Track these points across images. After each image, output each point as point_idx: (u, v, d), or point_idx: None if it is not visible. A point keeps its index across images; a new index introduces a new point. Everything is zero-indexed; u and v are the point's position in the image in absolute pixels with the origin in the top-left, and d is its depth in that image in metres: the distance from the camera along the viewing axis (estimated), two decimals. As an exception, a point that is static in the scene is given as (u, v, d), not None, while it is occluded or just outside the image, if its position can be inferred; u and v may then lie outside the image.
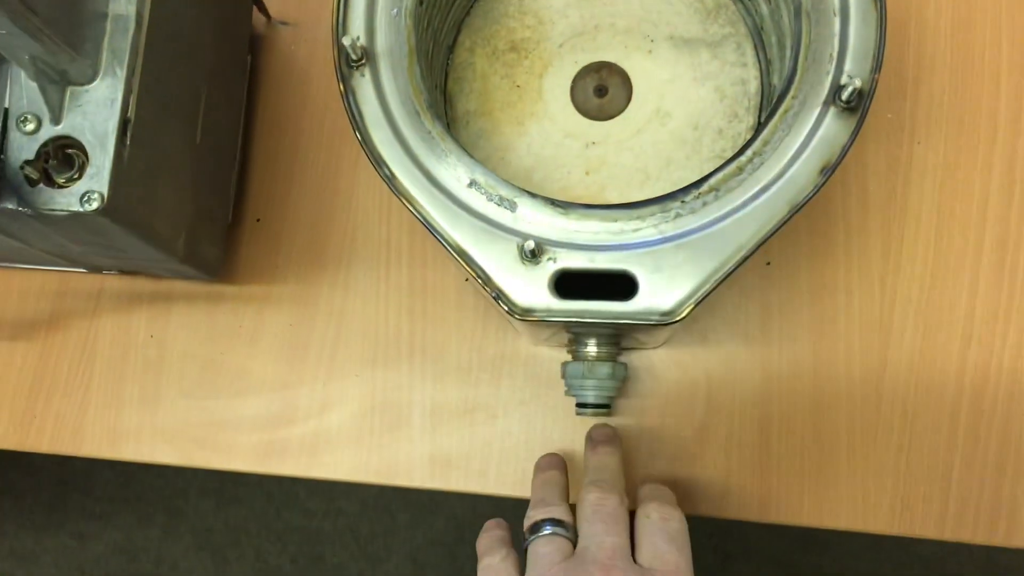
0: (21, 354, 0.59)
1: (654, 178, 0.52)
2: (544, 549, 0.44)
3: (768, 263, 0.55)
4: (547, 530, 0.45)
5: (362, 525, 1.43)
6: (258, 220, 0.59)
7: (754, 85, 0.53)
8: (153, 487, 1.45)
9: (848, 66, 0.43)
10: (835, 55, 0.43)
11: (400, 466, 0.56)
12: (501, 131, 0.54)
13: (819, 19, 0.44)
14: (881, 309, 0.54)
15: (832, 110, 0.43)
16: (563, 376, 0.52)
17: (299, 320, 0.58)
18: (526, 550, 0.45)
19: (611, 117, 0.53)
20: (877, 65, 0.43)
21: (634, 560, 0.43)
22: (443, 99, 0.54)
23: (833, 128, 0.43)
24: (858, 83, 0.41)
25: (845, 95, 0.42)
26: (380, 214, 0.59)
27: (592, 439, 0.52)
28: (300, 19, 0.61)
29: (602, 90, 0.54)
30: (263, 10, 0.59)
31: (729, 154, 0.52)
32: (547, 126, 0.54)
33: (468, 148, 0.53)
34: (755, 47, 0.53)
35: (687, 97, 0.53)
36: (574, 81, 0.54)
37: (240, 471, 0.57)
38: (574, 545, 0.44)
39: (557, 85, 0.54)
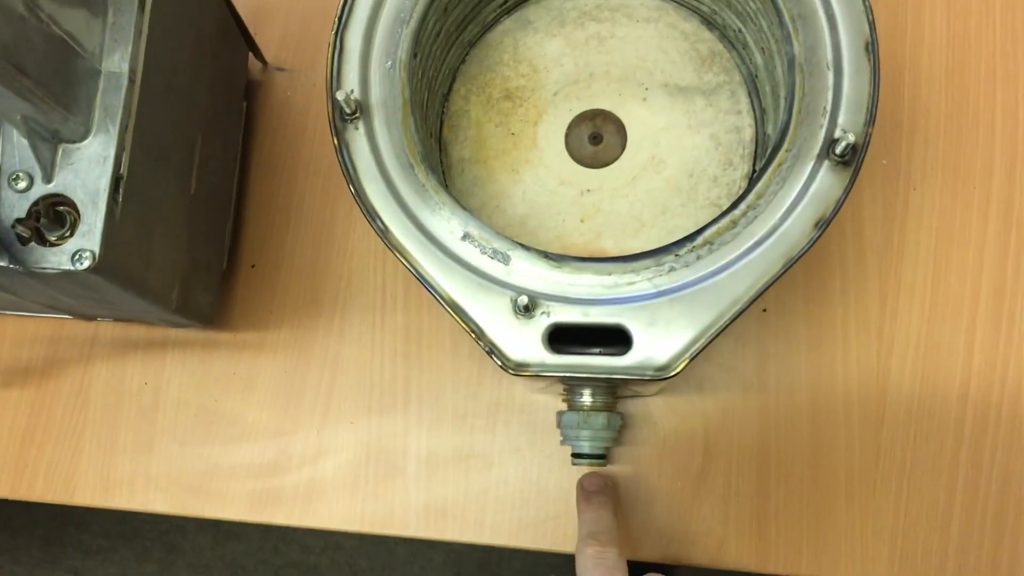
0: (14, 401, 0.59)
1: (649, 225, 0.52)
2: None
3: (764, 310, 0.55)
4: None
5: (360, 560, 1.41)
6: (253, 266, 0.59)
7: (749, 133, 0.53)
8: (150, 522, 1.44)
9: (842, 119, 0.43)
10: (829, 108, 0.43)
11: (395, 515, 0.55)
12: (496, 178, 0.54)
13: (813, 72, 0.44)
14: (879, 357, 0.54)
15: (826, 163, 0.43)
16: (559, 426, 0.52)
17: (294, 367, 0.58)
18: None
19: (606, 164, 0.53)
20: (871, 119, 0.43)
21: None
22: (438, 146, 0.54)
23: (827, 182, 0.42)
24: (852, 138, 0.41)
25: (839, 149, 0.42)
26: (375, 260, 0.59)
27: (584, 489, 0.51)
28: (296, 65, 0.61)
29: (597, 137, 0.54)
30: (259, 56, 0.59)
31: (724, 202, 0.52)
32: (542, 173, 0.54)
33: (463, 195, 0.54)
34: (750, 95, 0.53)
35: (682, 145, 0.53)
36: (569, 129, 0.54)
37: (234, 520, 0.56)
38: None
39: (552, 133, 0.54)
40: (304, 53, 0.62)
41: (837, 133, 0.42)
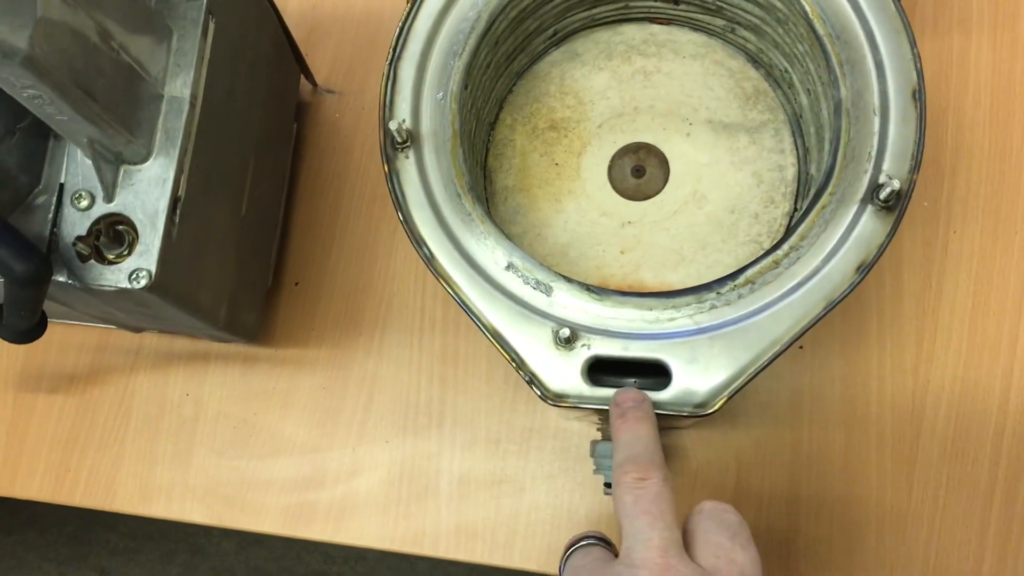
0: (59, 407, 0.60)
1: (689, 260, 0.53)
2: (580, 561, 0.38)
3: (801, 347, 0.56)
4: (585, 542, 0.40)
5: (382, 571, 1.42)
6: (296, 284, 0.60)
7: (791, 171, 0.53)
8: (176, 525, 1.45)
9: (887, 165, 0.43)
10: (874, 153, 0.44)
11: (426, 535, 0.56)
12: (539, 207, 0.55)
13: (859, 117, 0.44)
14: (914, 397, 0.54)
15: (869, 208, 0.43)
16: (592, 455, 0.52)
17: (332, 384, 0.59)
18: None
19: (648, 197, 0.54)
20: (916, 165, 0.43)
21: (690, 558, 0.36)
22: (483, 174, 0.55)
23: (870, 226, 0.43)
24: (896, 184, 0.42)
25: (883, 195, 0.42)
26: (416, 282, 0.60)
27: (618, 404, 0.42)
28: (345, 88, 0.63)
29: (640, 170, 0.54)
30: (311, 79, 0.61)
31: (765, 239, 0.52)
32: (584, 204, 0.54)
33: (506, 223, 0.54)
34: (793, 134, 0.53)
35: (724, 181, 0.53)
36: (612, 161, 0.55)
37: (268, 533, 0.57)
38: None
39: (595, 164, 0.55)
40: (354, 76, 0.63)
41: (882, 179, 0.43)
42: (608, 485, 0.51)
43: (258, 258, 0.55)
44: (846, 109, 0.44)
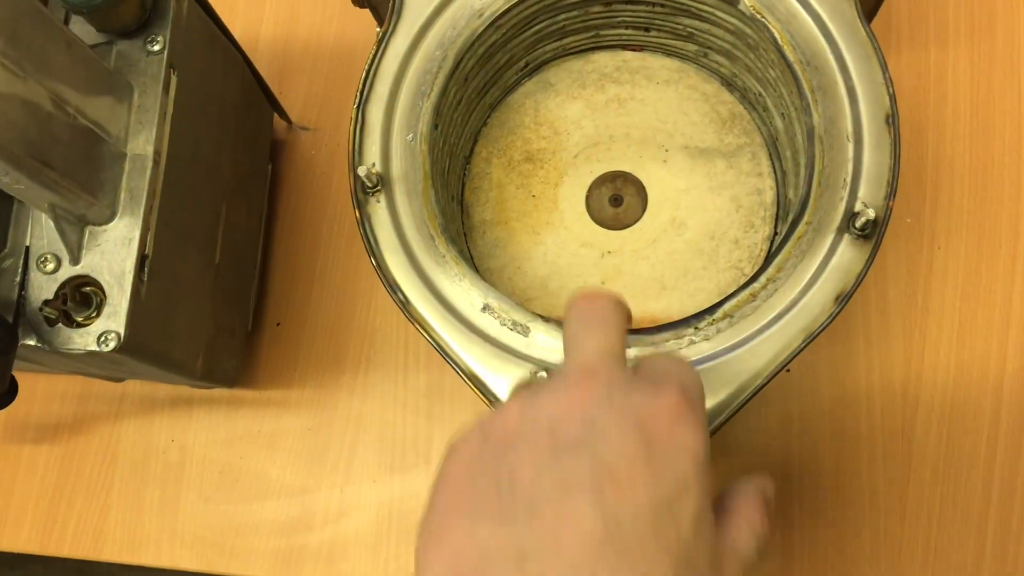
0: (44, 457, 0.60)
1: (671, 288, 0.52)
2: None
3: (788, 370, 0.55)
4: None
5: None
6: (278, 324, 0.60)
7: (770, 195, 0.53)
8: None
9: (862, 192, 0.43)
10: (849, 180, 0.43)
11: None
12: (517, 240, 0.54)
13: (832, 144, 0.44)
14: (903, 417, 0.54)
15: (846, 237, 0.42)
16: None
17: (317, 424, 0.58)
18: None
19: (627, 226, 0.54)
20: (891, 192, 0.42)
21: None
22: (459, 209, 0.55)
23: (848, 255, 0.42)
24: (872, 213, 0.41)
25: (859, 223, 0.42)
26: (398, 318, 0.59)
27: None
28: (320, 123, 0.62)
29: (617, 199, 0.54)
30: (284, 117, 0.60)
31: (746, 264, 0.51)
32: (563, 235, 0.54)
33: (484, 257, 0.54)
34: (771, 157, 0.53)
35: (703, 207, 0.53)
36: (589, 191, 0.54)
37: (258, 577, 0.57)
38: None
39: (572, 195, 0.54)
40: (329, 112, 0.62)
41: (857, 207, 0.42)
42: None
43: (236, 303, 0.54)
44: (819, 136, 0.44)
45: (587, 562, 0.28)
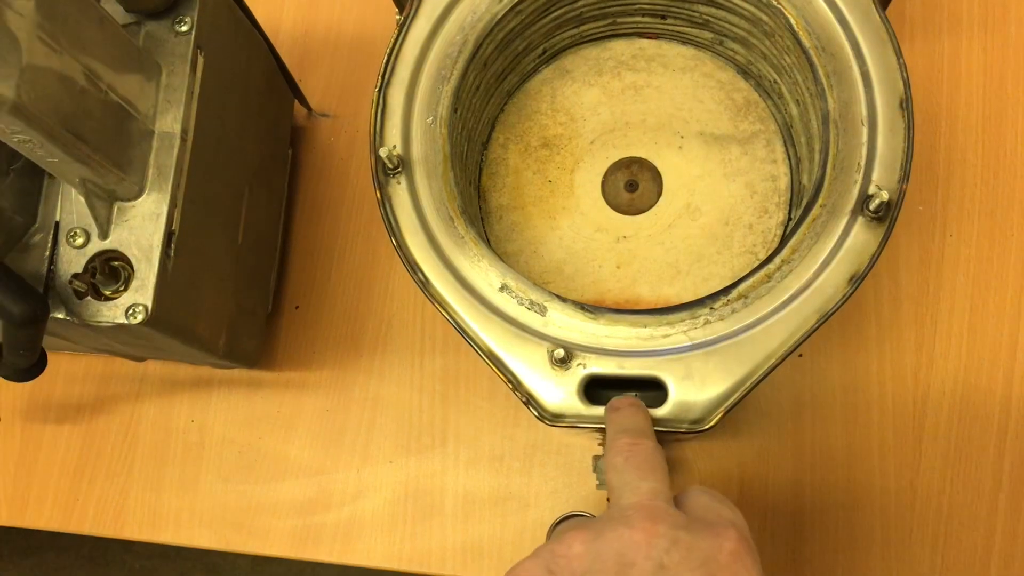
0: (66, 437, 0.61)
1: (684, 272, 0.53)
2: (566, 524, 0.37)
3: (800, 355, 0.56)
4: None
5: (397, 584, 1.42)
6: (297, 307, 0.61)
7: (784, 181, 0.53)
8: (191, 543, 1.46)
9: (876, 175, 0.43)
10: (863, 164, 0.44)
11: (433, 554, 0.56)
12: (533, 225, 0.55)
13: (847, 128, 0.44)
14: (914, 402, 0.54)
15: (860, 219, 0.43)
16: (594, 470, 0.52)
17: (335, 406, 0.59)
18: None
19: (641, 212, 0.54)
20: (905, 175, 0.43)
21: None
22: (476, 194, 0.56)
23: (861, 237, 0.43)
24: (886, 195, 0.42)
25: (873, 206, 0.42)
26: (415, 302, 0.60)
27: (613, 405, 0.42)
28: (340, 111, 0.63)
29: (633, 185, 0.55)
30: (304, 104, 0.61)
31: (760, 250, 0.52)
32: (578, 220, 0.55)
33: (501, 241, 0.55)
34: (785, 144, 0.53)
35: (717, 192, 0.53)
36: (605, 176, 0.55)
37: (276, 556, 0.58)
38: None
39: (588, 180, 0.55)
40: (348, 100, 0.63)
41: (871, 189, 0.43)
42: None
43: (257, 285, 0.55)
44: (834, 120, 0.45)
45: None
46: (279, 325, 0.60)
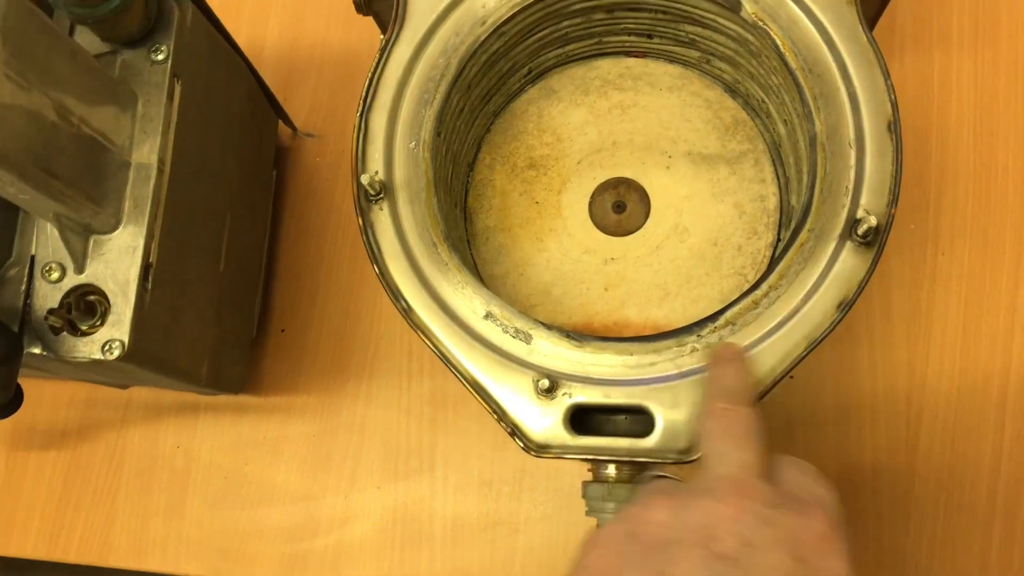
0: (51, 464, 0.60)
1: (673, 294, 0.52)
2: (655, 485, 0.37)
3: (791, 376, 0.55)
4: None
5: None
6: (283, 330, 0.60)
7: (773, 201, 0.53)
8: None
9: (864, 199, 0.43)
10: (851, 188, 0.43)
11: (422, 581, 0.56)
12: (520, 247, 0.54)
13: (834, 151, 0.44)
14: (908, 425, 0.53)
15: (848, 244, 0.42)
16: (584, 496, 0.52)
17: (322, 431, 0.58)
18: None
19: (629, 233, 0.54)
20: (894, 200, 0.42)
21: None
22: (463, 215, 0.55)
23: (850, 263, 0.42)
24: (874, 221, 0.41)
25: (861, 231, 0.42)
26: (402, 324, 0.58)
27: (717, 356, 0.41)
28: (325, 131, 0.62)
29: (620, 206, 0.54)
30: (289, 124, 0.60)
31: (749, 271, 0.51)
32: (566, 242, 0.54)
33: (488, 264, 0.54)
34: (773, 163, 0.53)
35: (706, 213, 0.53)
36: (592, 197, 0.54)
37: (263, 583, 0.57)
38: None
39: (576, 201, 0.54)
40: (333, 118, 0.63)
41: (859, 214, 0.42)
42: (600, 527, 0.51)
43: (241, 310, 0.55)
44: (821, 143, 0.44)
45: None
46: (264, 349, 0.60)
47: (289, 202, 0.62)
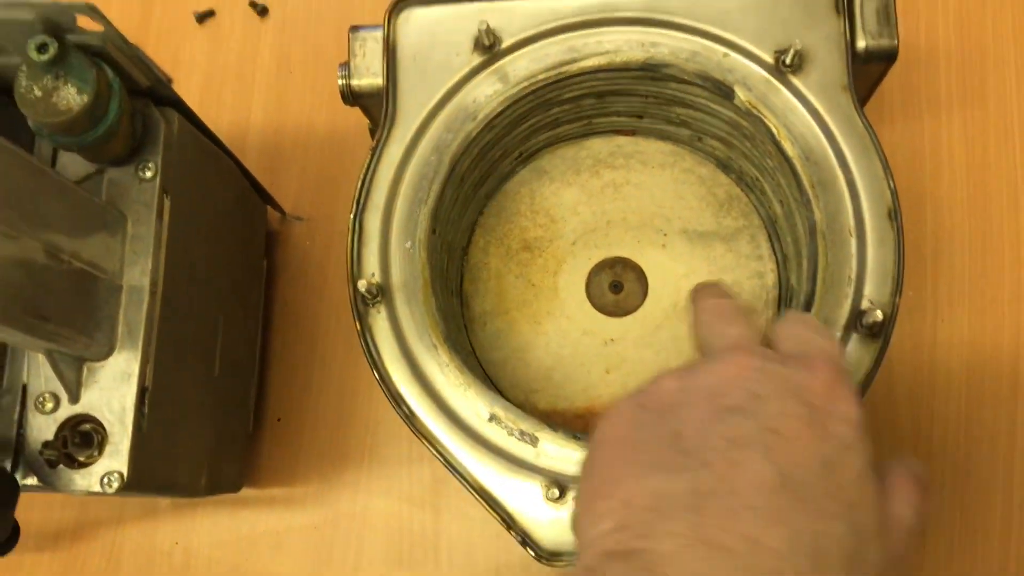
0: (46, 565, 0.59)
1: (676, 375, 0.52)
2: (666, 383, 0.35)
3: (797, 450, 0.54)
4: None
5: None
6: (279, 420, 0.59)
7: (771, 278, 0.52)
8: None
9: (868, 289, 0.42)
10: (853, 277, 0.43)
11: (431, 675, 0.54)
12: (519, 330, 0.54)
13: (835, 240, 0.43)
14: (916, 495, 0.53)
15: (854, 336, 0.42)
16: (594, 585, 0.51)
17: (322, 522, 0.57)
18: None
19: (628, 313, 0.53)
20: (898, 289, 0.42)
21: None
22: (459, 301, 0.54)
23: (856, 355, 0.42)
24: (879, 315, 0.41)
25: (867, 322, 0.41)
26: (401, 408, 0.58)
27: (696, 289, 0.41)
28: (314, 214, 0.61)
29: (617, 286, 0.53)
30: (278, 208, 0.60)
31: (750, 350, 0.51)
32: (564, 324, 0.53)
33: (486, 349, 0.53)
34: (770, 239, 0.52)
35: (704, 291, 0.52)
36: (589, 277, 0.54)
37: None
38: None
39: (572, 282, 0.54)
40: (322, 200, 0.62)
41: (864, 304, 0.42)
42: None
43: (237, 409, 0.54)
44: (821, 231, 0.44)
45: (766, 505, 0.29)
46: (261, 440, 0.59)
47: (280, 288, 0.61)
